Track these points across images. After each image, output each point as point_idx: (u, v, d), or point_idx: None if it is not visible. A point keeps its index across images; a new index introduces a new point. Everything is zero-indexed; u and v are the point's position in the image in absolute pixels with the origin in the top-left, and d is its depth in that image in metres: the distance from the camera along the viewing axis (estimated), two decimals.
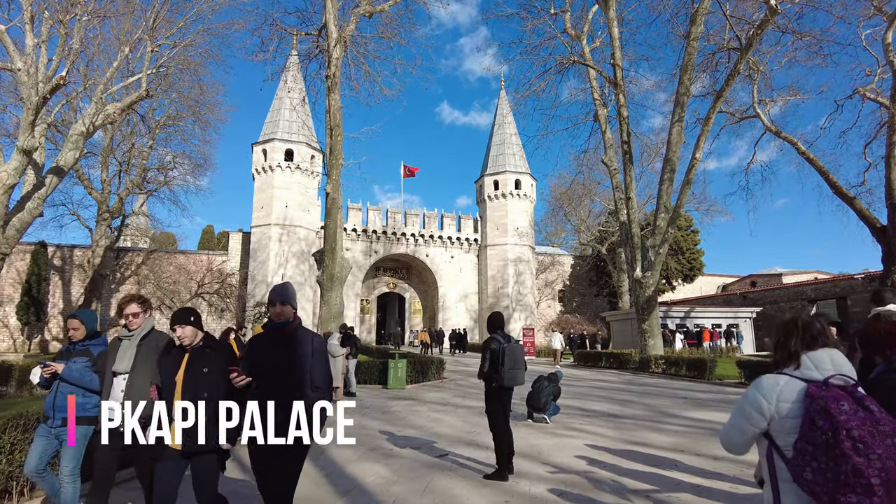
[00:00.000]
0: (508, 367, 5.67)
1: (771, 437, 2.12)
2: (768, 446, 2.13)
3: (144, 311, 4.19)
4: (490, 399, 5.92)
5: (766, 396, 2.11)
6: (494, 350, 5.71)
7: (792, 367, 2.17)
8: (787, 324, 2.28)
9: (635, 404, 11.06)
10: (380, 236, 45.68)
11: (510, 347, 5.74)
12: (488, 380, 5.85)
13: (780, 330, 2.29)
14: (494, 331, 5.99)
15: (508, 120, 50.65)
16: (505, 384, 5.75)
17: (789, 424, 2.05)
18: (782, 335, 2.27)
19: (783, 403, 2.07)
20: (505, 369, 5.66)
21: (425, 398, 12.22)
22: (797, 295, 35.41)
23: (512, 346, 5.79)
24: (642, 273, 19.52)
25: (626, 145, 20.30)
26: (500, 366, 5.67)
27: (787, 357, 2.21)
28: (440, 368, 16.47)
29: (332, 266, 15.55)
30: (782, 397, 2.08)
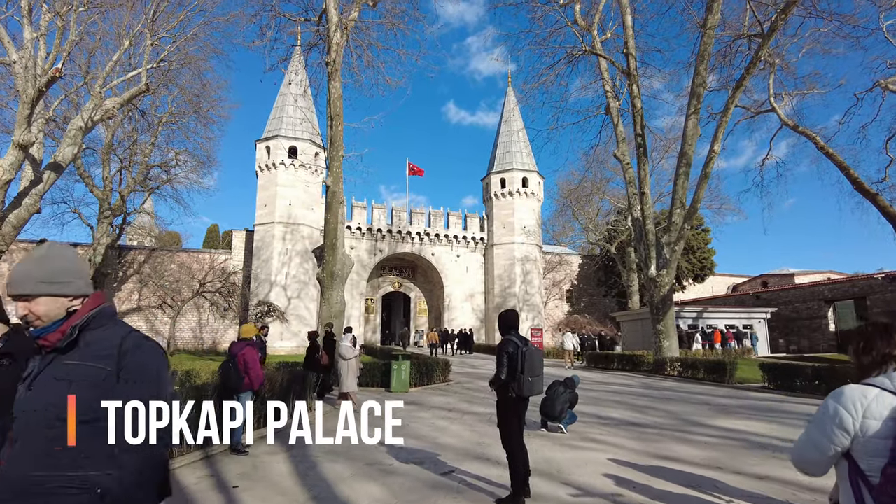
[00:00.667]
0: (528, 374, 4.89)
1: (853, 458, 1.85)
2: (849, 469, 1.87)
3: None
4: (504, 411, 5.12)
5: (851, 410, 1.83)
6: (512, 354, 4.93)
7: (881, 377, 1.87)
8: (877, 327, 1.97)
9: (656, 411, 10.27)
10: (385, 235, 45.00)
11: (529, 352, 4.97)
12: (503, 389, 5.05)
13: (868, 333, 1.97)
14: (508, 331, 5.22)
15: (515, 117, 49.86)
16: (524, 394, 4.97)
17: (877, 446, 1.78)
18: (870, 339, 1.94)
19: (871, 420, 1.80)
20: (524, 377, 4.88)
21: (429, 402, 11.47)
22: (813, 295, 34.42)
23: (531, 350, 5.02)
24: (657, 271, 18.70)
25: (640, 138, 19.49)
26: (518, 373, 4.88)
27: (876, 364, 1.91)
28: (446, 371, 15.72)
29: (333, 263, 14.83)
30: (870, 413, 1.81)
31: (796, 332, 35.12)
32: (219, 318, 41.78)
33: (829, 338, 32.75)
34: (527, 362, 4.86)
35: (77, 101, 31.99)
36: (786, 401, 12.05)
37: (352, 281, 43.19)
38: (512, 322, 5.26)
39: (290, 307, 37.73)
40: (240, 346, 6.96)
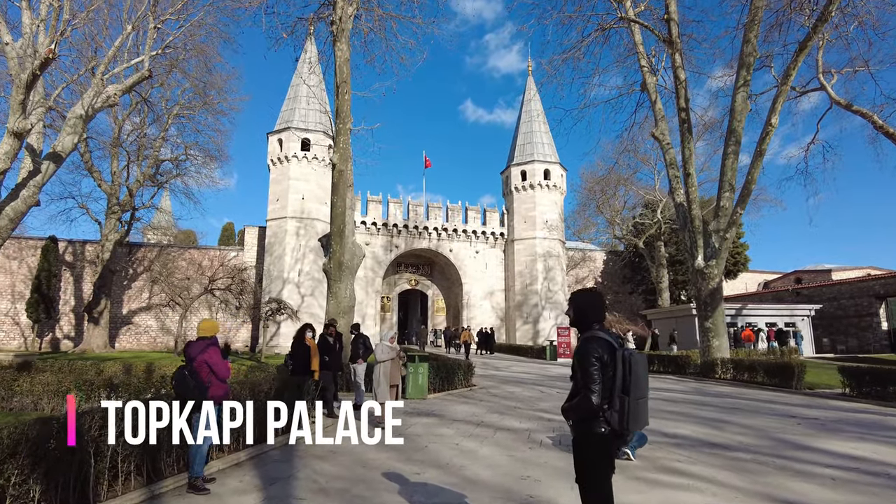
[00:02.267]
0: (634, 394, 2.91)
1: None
2: None
3: None
4: (592, 458, 3.02)
5: None
6: (606, 363, 2.94)
7: None
8: None
9: (732, 426, 8.31)
10: (401, 230, 43.30)
11: (634, 357, 2.95)
12: (591, 420, 2.97)
13: None
14: (590, 325, 3.14)
15: (537, 107, 47.82)
16: (627, 428, 2.94)
17: None
18: None
19: None
20: (629, 400, 2.89)
21: (452, 413, 9.64)
22: (862, 290, 31.89)
23: (635, 355, 2.98)
24: (705, 262, 16.65)
25: (685, 113, 17.45)
26: (619, 394, 2.91)
27: None
28: (468, 374, 13.89)
29: (341, 252, 13.09)
30: None
31: (843, 331, 32.63)
32: (230, 317, 40.50)
33: (880, 337, 30.25)
34: (633, 375, 2.89)
35: (82, 91, 30.75)
36: (888, 413, 10.00)
37: (367, 278, 41.60)
38: (596, 308, 3.19)
39: (304, 305, 36.24)
40: (199, 346, 5.19)
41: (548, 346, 29.20)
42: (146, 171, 35.69)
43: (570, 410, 3.00)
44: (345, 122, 12.78)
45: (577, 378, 3.00)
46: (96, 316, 34.00)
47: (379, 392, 8.16)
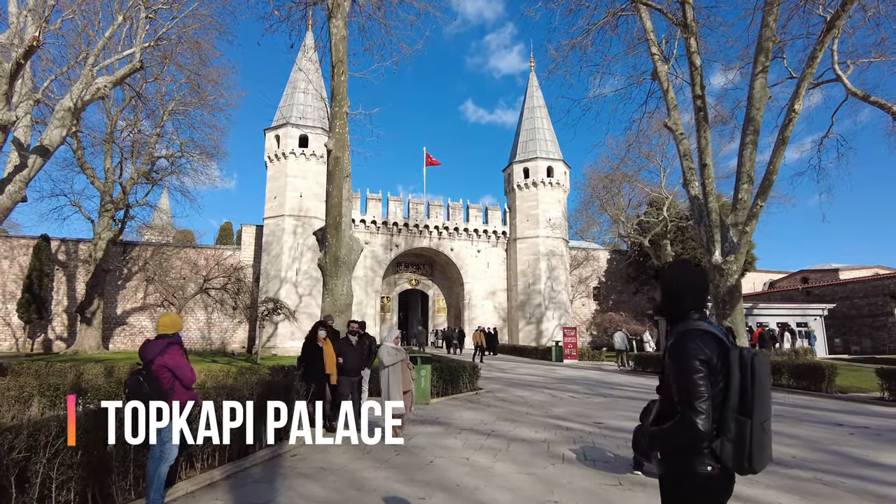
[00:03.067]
0: (759, 417, 1.96)
1: None
2: None
3: None
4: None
5: None
6: (715, 367, 2.00)
7: None
8: None
9: (776, 436, 7.41)
10: (401, 229, 42.40)
11: (757, 361, 1.98)
12: (691, 454, 2.01)
13: None
14: (686, 313, 2.17)
15: (539, 104, 46.97)
16: (751, 468, 1.97)
17: None
18: None
19: None
20: (753, 424, 1.94)
21: (458, 421, 8.73)
22: (876, 289, 30.97)
23: (759, 357, 2.01)
24: (723, 257, 15.74)
25: (700, 100, 16.54)
26: (738, 415, 1.95)
27: None
28: (473, 377, 12.98)
29: (337, 246, 12.18)
30: None
31: (856, 331, 31.72)
32: (227, 318, 39.62)
33: (895, 337, 29.35)
34: (756, 386, 1.94)
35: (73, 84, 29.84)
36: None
37: (366, 278, 40.71)
38: (696, 289, 2.19)
39: (301, 305, 35.38)
40: (157, 346, 4.28)
41: (553, 346, 28.28)
42: (140, 169, 34.86)
43: (657, 439, 2.07)
44: (341, 105, 11.87)
45: (667, 389, 2.09)
46: (89, 316, 33.11)
47: (392, 395, 7.23)
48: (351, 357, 8.14)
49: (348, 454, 6.40)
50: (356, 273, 40.40)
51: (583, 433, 7.71)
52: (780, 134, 14.69)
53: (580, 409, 10.03)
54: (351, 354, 8.17)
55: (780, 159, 14.81)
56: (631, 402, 11.11)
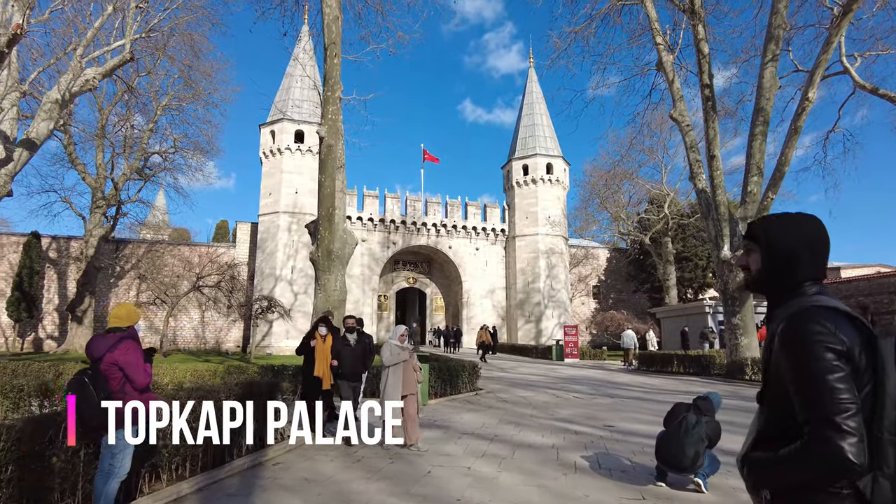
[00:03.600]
0: (891, 429, 1.29)
1: None
2: None
3: None
4: None
5: None
6: (858, 365, 1.33)
7: None
8: None
9: None
10: (398, 226, 41.76)
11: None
12: (829, 492, 1.32)
13: None
14: (798, 285, 1.51)
15: (539, 99, 46.38)
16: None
17: None
18: None
19: None
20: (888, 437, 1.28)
21: (457, 425, 8.12)
22: (882, 287, 30.32)
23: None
24: (731, 252, 15.17)
25: (709, 89, 15.95)
26: (887, 435, 1.28)
27: None
28: (473, 376, 12.36)
29: (330, 239, 11.56)
30: None
31: None
32: (222, 316, 38.94)
33: None
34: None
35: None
36: None
37: (363, 276, 40.07)
38: (816, 248, 1.55)
39: (297, 303, 34.76)
40: (107, 342, 3.64)
41: (554, 345, 27.70)
42: (133, 165, 34.23)
43: (770, 470, 1.42)
44: (334, 90, 11.24)
45: (778, 395, 1.46)
46: (80, 315, 32.42)
47: (386, 395, 6.42)
48: (349, 358, 7.06)
49: (337, 462, 5.79)
50: (352, 271, 39.76)
51: (593, 438, 7.11)
52: (793, 123, 14.12)
53: (587, 411, 9.43)
54: (349, 356, 7.06)
55: (793, 150, 14.24)
56: (640, 403, 10.51)
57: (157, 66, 31.20)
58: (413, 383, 6.62)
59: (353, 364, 7.10)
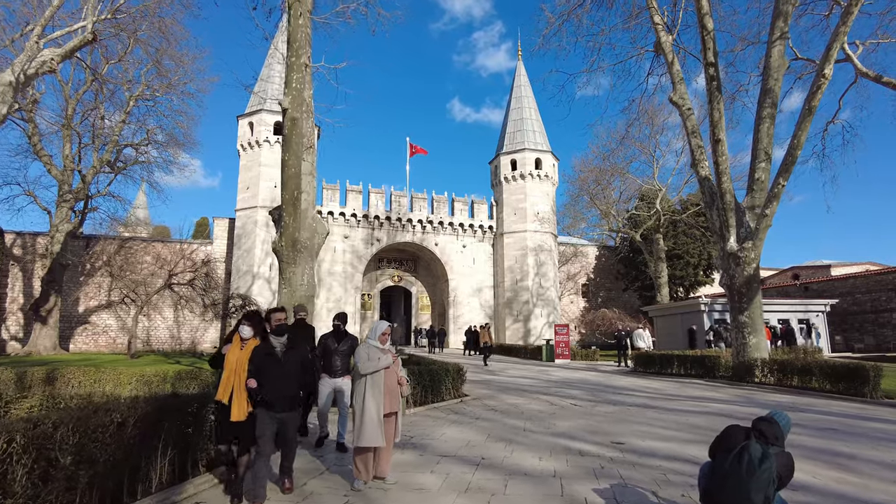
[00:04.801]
0: None
1: None
2: None
3: None
4: None
5: None
6: None
7: None
8: None
9: (863, 463, 5.54)
10: (382, 223, 40.30)
11: None
12: None
13: None
14: None
15: (528, 94, 45.19)
16: None
17: None
18: None
19: None
20: None
21: (437, 443, 6.77)
22: (880, 284, 29.61)
23: None
24: (739, 244, 13.98)
25: (713, 69, 14.76)
26: None
27: None
28: (458, 381, 11.02)
29: (295, 227, 10.16)
30: None
31: (858, 328, 30.35)
32: (197, 316, 37.21)
33: None
34: None
35: None
36: None
37: (346, 274, 38.58)
38: None
39: (275, 302, 33.10)
40: None
41: (544, 345, 26.44)
42: (104, 157, 32.50)
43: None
44: (298, 55, 9.83)
45: None
46: (44, 314, 30.63)
47: (363, 428, 4.78)
48: (274, 377, 4.63)
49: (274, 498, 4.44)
50: (334, 269, 38.26)
51: (602, 460, 5.79)
52: (807, 103, 12.94)
53: (589, 423, 8.13)
54: (274, 372, 4.64)
55: (806, 132, 13.07)
56: (647, 412, 9.23)
57: (129, 52, 29.62)
58: (397, 398, 5.06)
59: (280, 383, 4.62)
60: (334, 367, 6.65)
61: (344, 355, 6.69)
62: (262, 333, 5.03)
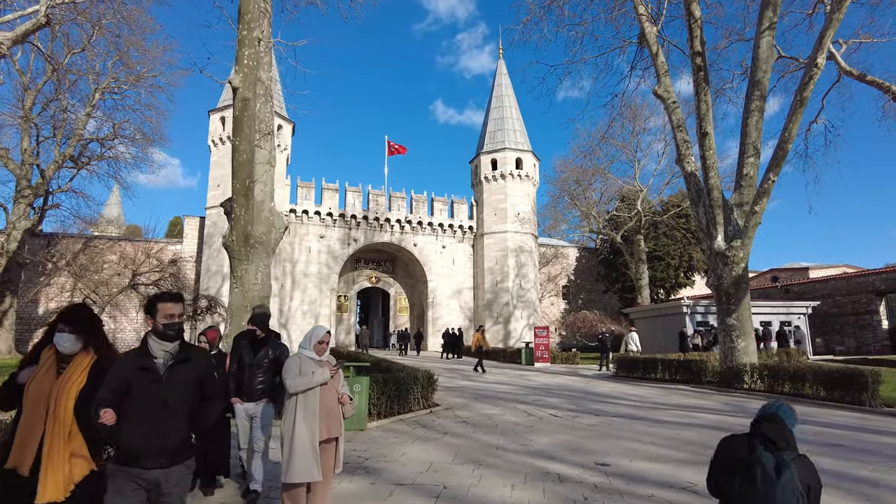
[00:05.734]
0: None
1: None
2: None
3: None
4: None
5: None
6: None
7: None
8: None
9: (888, 491, 4.78)
10: (360, 222, 39.20)
11: None
12: None
13: None
14: None
15: (508, 92, 44.51)
16: None
17: None
18: None
19: None
20: None
21: (394, 467, 5.83)
22: (861, 286, 29.42)
23: None
24: (727, 243, 13.31)
25: (700, 58, 14.09)
26: None
27: None
28: (428, 389, 10.09)
29: (247, 219, 9.15)
30: None
31: (838, 331, 30.13)
32: None
33: (881, 336, 27.75)
34: None
35: None
36: None
37: (321, 274, 37.40)
38: None
39: None
40: None
41: (523, 348, 25.64)
42: (67, 151, 30.97)
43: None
44: (250, 28, 8.84)
45: None
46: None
47: (293, 459, 3.80)
48: (145, 408, 2.76)
49: None
50: (309, 269, 37.06)
51: (585, 488, 4.93)
52: (798, 94, 12.31)
53: (570, 438, 7.28)
54: (147, 400, 2.77)
55: (797, 125, 12.45)
56: (633, 423, 8.40)
57: (92, 42, 28.30)
58: (337, 421, 4.06)
59: (154, 419, 2.75)
60: (251, 388, 5.01)
61: (265, 370, 5.06)
62: (99, 343, 3.10)
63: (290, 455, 3.80)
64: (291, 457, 3.79)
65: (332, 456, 4.05)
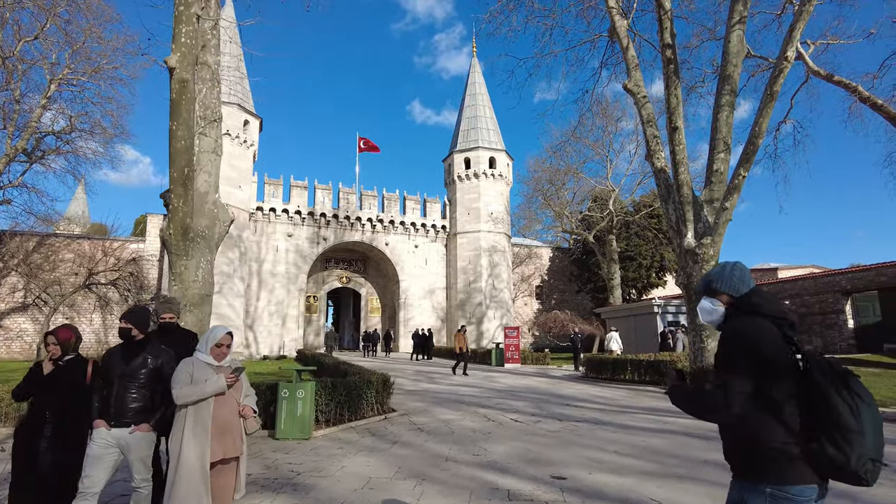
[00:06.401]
0: None
1: None
2: None
3: None
4: None
5: None
6: None
7: None
8: None
9: None
10: (329, 221, 38.32)
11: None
12: None
13: None
14: None
15: (482, 91, 44.11)
16: None
17: None
18: None
19: None
20: None
21: (329, 483, 5.21)
22: (828, 286, 29.67)
23: None
24: (697, 240, 12.99)
25: (671, 50, 13.77)
26: None
27: None
28: (384, 394, 9.47)
29: (186, 211, 8.42)
30: None
31: (806, 331, 30.34)
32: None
33: (847, 336, 27.99)
34: None
35: None
36: None
37: (289, 274, 36.43)
38: None
39: None
40: None
41: (493, 349, 25.18)
42: (19, 145, 29.49)
43: None
44: (188, 4, 8.13)
45: None
46: None
47: (177, 484, 3.18)
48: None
49: None
50: (276, 269, 36.05)
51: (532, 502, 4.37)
52: (768, 88, 12.03)
53: (529, 447, 6.74)
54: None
55: (767, 119, 12.16)
56: (598, 430, 7.91)
57: (46, 29, 27.09)
58: (236, 438, 3.43)
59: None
60: (121, 408, 3.66)
61: (141, 385, 3.73)
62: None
63: (175, 479, 3.16)
64: (176, 481, 3.15)
65: (231, 478, 3.42)
